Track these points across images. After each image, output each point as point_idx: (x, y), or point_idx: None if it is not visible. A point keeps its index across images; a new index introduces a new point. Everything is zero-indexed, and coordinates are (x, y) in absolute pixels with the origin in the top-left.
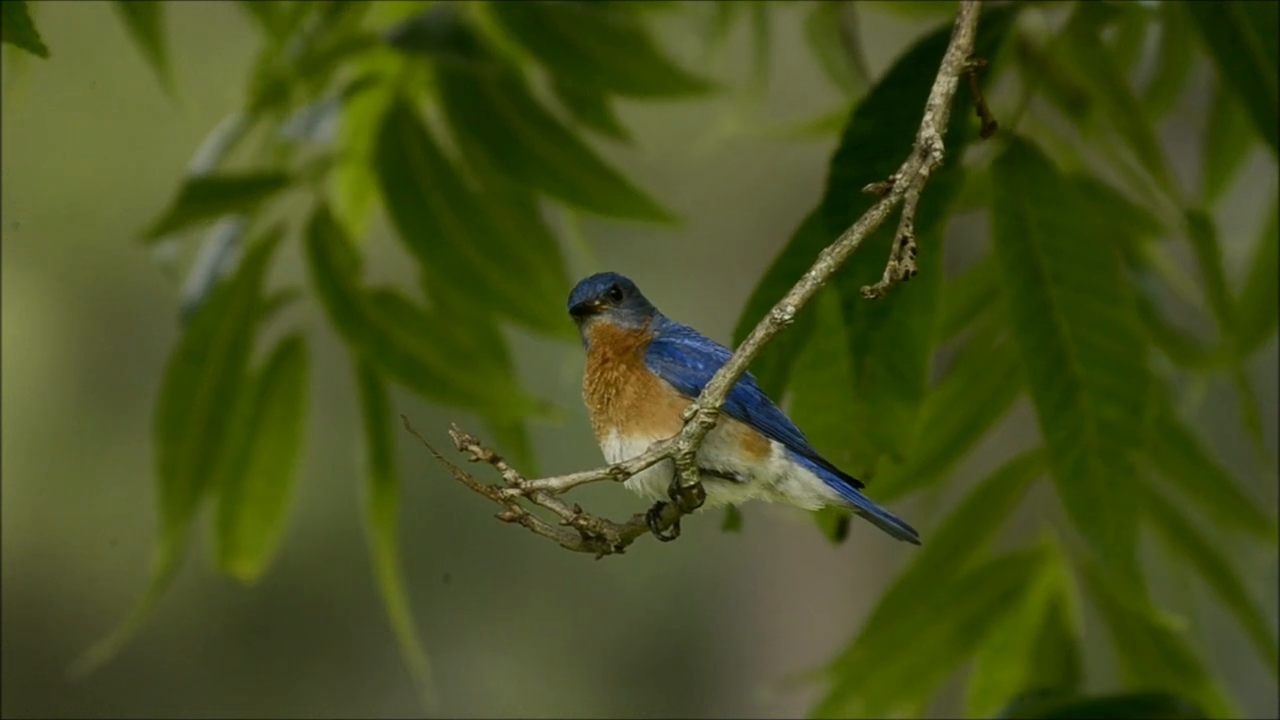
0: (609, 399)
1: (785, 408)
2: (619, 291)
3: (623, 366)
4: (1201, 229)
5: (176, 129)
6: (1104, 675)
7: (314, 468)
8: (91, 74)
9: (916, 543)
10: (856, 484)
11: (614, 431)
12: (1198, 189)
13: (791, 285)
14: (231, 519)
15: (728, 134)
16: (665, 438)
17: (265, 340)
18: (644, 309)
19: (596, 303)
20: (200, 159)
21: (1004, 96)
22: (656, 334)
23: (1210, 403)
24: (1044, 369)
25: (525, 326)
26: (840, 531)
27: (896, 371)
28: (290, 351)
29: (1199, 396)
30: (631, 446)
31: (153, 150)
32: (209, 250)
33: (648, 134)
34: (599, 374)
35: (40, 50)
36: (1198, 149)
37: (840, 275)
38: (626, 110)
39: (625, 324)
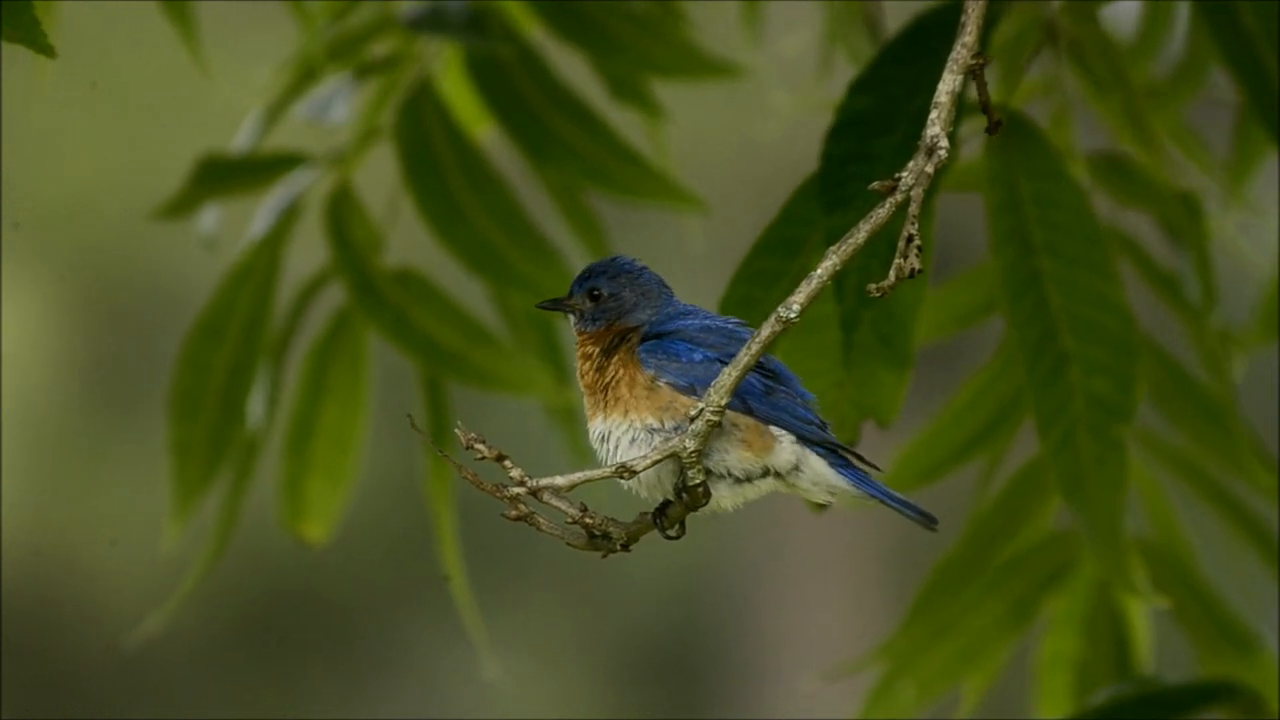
0: (594, 382)
1: None
2: (599, 294)
3: (613, 357)
4: (1190, 210)
5: (179, 126)
6: (1171, 650)
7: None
8: (92, 73)
9: (934, 528)
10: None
11: (600, 416)
12: (1230, 169)
13: (781, 257)
14: (298, 484)
15: (783, 110)
16: (640, 419)
17: (319, 310)
18: (634, 300)
19: (565, 306)
20: (237, 141)
21: (1031, 77)
22: (648, 325)
23: (1247, 382)
24: (1034, 340)
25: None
26: None
27: (884, 338)
28: (347, 321)
29: (1237, 375)
30: (614, 429)
31: (155, 148)
32: (256, 224)
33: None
34: (592, 360)
35: (48, 51)
36: (1229, 131)
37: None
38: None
39: (589, 327)
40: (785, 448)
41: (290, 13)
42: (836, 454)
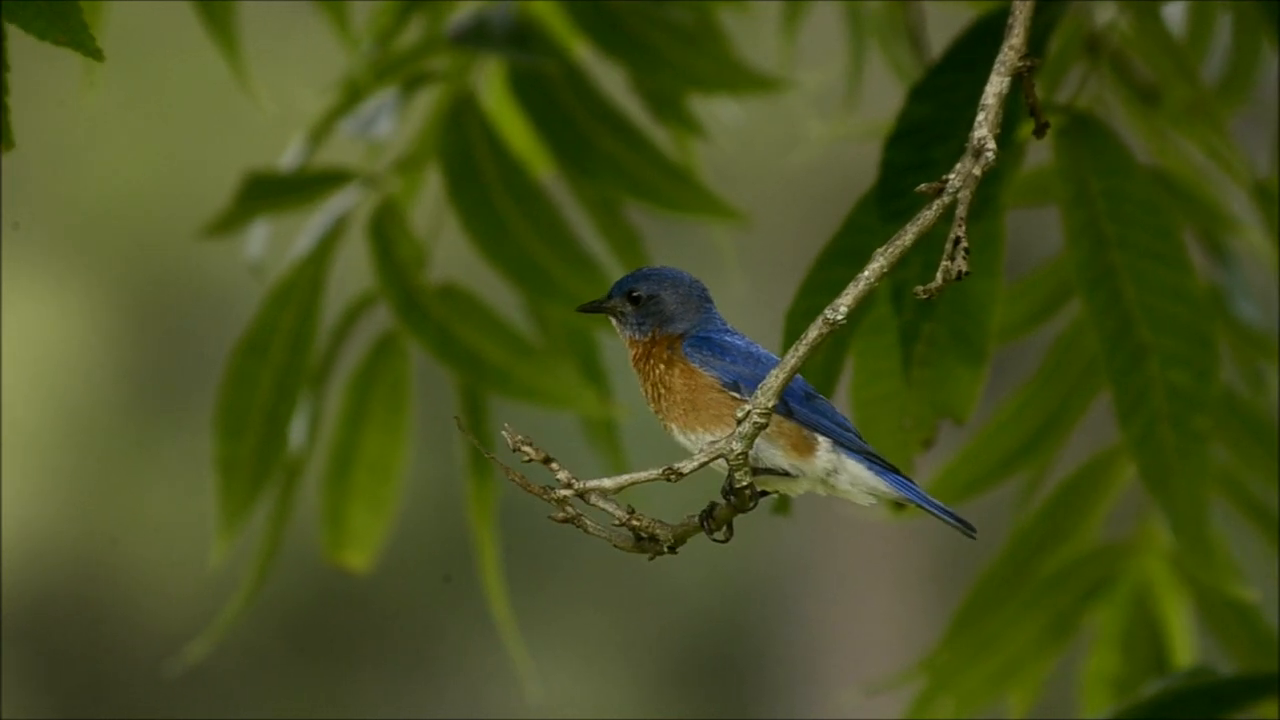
0: (660, 396)
1: (844, 378)
2: (638, 296)
3: (662, 366)
4: (1267, 199)
5: (226, 129)
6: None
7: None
8: (138, 77)
9: (972, 536)
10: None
11: (675, 428)
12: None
13: (846, 266)
14: (339, 513)
15: (817, 139)
16: (722, 431)
17: (361, 336)
18: (674, 306)
19: (604, 306)
20: (286, 158)
21: (1071, 91)
22: (694, 331)
23: None
24: (1112, 333)
25: (593, 323)
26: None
27: (960, 334)
28: (389, 347)
29: (1275, 389)
30: (697, 441)
31: (203, 151)
32: (299, 244)
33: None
34: (643, 373)
35: (96, 55)
36: (1269, 145)
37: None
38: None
39: (636, 334)
40: (823, 452)
41: (330, 22)
42: (873, 460)
